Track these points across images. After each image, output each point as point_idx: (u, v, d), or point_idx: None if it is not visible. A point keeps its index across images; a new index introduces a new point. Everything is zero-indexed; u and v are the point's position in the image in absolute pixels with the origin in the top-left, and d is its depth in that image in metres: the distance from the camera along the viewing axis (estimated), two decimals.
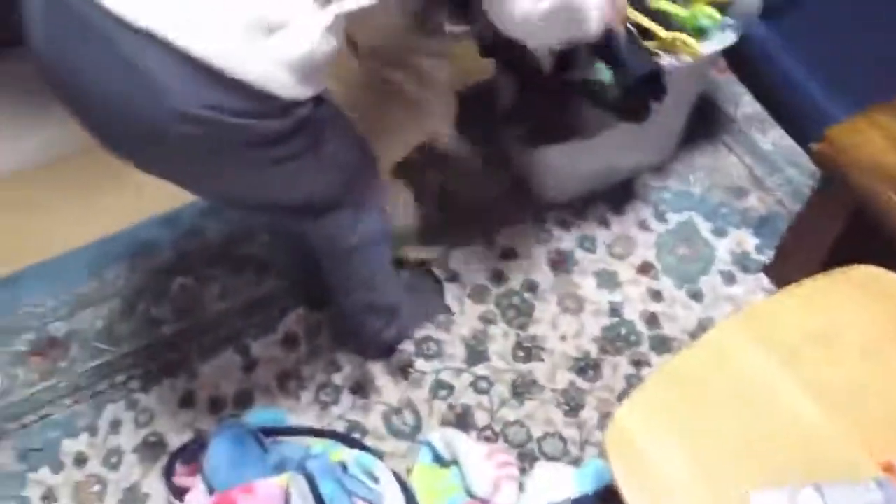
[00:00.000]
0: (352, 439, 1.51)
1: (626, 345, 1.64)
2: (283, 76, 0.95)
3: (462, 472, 1.43)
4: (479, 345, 1.64)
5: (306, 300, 1.69)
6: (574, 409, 1.56)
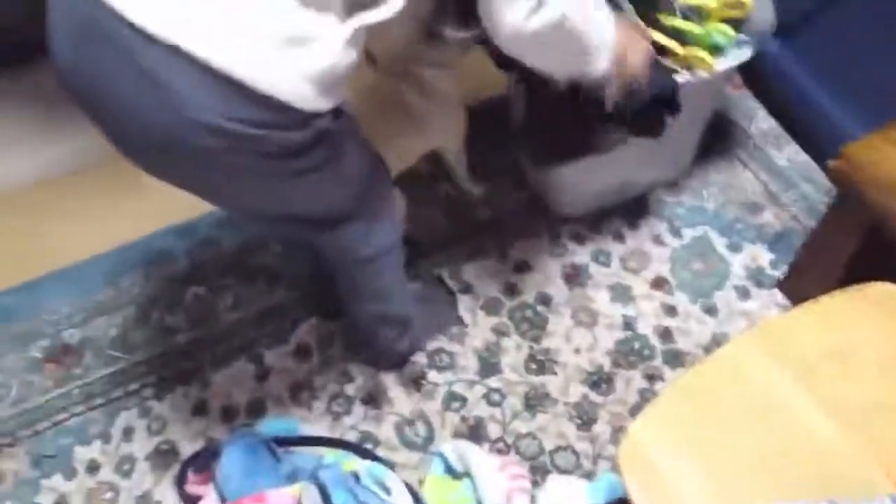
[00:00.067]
0: (364, 450, 1.51)
1: (639, 359, 1.64)
2: (304, 88, 0.96)
3: (474, 483, 1.43)
4: (492, 357, 1.64)
5: (319, 311, 1.70)
6: (587, 423, 1.56)
